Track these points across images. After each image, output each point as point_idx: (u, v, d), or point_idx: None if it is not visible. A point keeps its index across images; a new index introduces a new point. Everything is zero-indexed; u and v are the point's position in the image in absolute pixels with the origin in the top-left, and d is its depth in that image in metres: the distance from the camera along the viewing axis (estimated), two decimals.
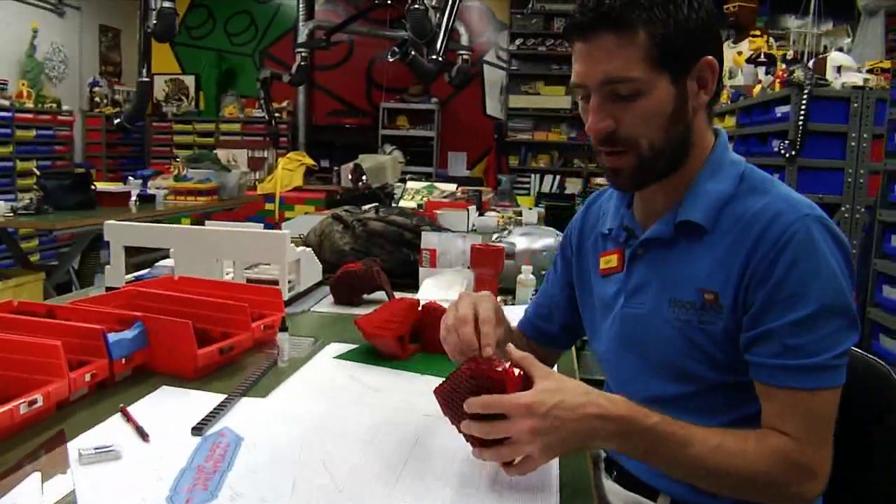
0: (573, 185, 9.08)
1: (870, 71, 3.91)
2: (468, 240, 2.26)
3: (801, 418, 1.00)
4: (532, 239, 2.37)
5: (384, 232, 2.35)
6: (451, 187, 5.04)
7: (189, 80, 9.32)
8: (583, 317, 1.37)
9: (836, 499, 1.11)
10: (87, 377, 1.21)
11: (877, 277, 3.56)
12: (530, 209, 4.93)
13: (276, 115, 8.27)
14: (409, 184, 5.12)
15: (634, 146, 1.09)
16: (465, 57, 7.34)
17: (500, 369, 0.97)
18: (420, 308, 1.58)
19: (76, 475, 0.96)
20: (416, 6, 4.48)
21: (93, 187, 4.69)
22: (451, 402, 1.02)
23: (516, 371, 0.98)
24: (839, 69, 3.84)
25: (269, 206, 6.33)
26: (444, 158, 9.28)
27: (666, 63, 1.05)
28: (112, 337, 1.27)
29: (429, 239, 2.22)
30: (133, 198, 4.98)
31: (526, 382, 0.97)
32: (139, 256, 3.36)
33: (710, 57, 1.08)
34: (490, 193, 5.82)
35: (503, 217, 4.28)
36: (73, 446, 1.04)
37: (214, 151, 6.05)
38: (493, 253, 2.07)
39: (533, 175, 9.07)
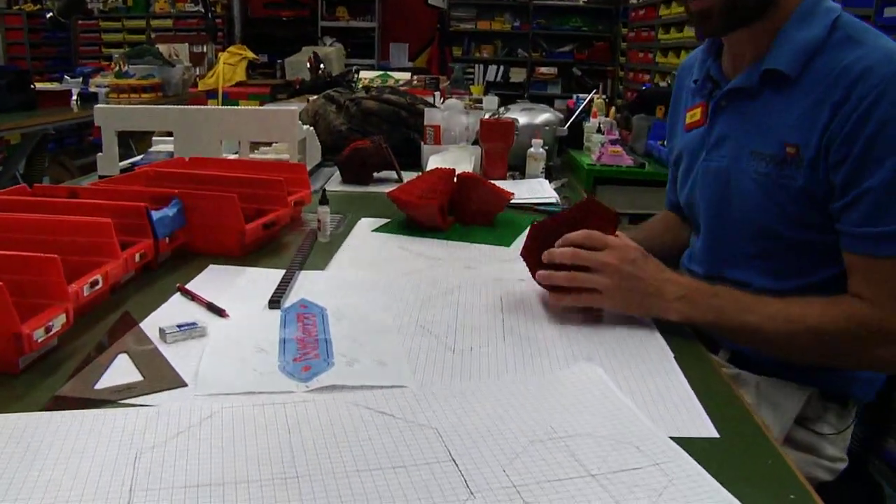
0: (518, 75, 8.99)
1: None
2: (472, 115, 2.18)
3: (882, 284, 0.98)
4: (532, 114, 2.30)
5: (380, 111, 2.25)
6: (406, 76, 4.89)
7: None
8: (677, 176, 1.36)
9: None
10: (137, 257, 1.12)
11: None
12: (486, 96, 4.82)
13: (212, 8, 7.85)
14: (362, 73, 4.95)
15: None
16: None
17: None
18: (455, 178, 1.52)
19: (165, 353, 0.89)
20: None
21: (32, 87, 4.40)
22: (544, 238, 1.03)
23: None
24: None
25: (211, 103, 6.06)
26: (386, 50, 9.04)
27: None
28: (155, 215, 1.17)
29: (432, 115, 2.13)
30: (74, 97, 4.70)
31: None
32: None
33: None
34: (446, 82, 5.67)
35: (465, 103, 4.18)
36: (148, 326, 0.97)
37: (156, 46, 5.72)
38: (504, 126, 2.00)
39: (477, 65, 8.92)
